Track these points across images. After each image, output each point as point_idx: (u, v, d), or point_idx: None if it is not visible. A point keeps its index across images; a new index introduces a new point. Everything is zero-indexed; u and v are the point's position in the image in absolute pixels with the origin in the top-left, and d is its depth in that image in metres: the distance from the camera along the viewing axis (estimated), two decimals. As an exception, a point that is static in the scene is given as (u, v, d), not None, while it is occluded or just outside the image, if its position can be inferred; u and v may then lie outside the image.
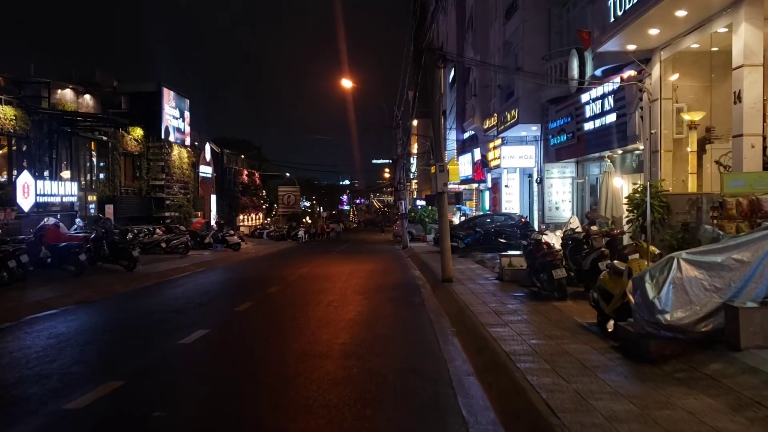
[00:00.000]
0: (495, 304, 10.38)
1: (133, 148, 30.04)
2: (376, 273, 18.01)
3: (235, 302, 11.57)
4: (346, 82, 32.89)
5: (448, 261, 13.90)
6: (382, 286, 14.29)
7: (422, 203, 48.22)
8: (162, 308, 11.45)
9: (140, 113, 31.14)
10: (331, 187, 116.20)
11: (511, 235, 21.83)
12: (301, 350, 7.54)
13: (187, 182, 34.67)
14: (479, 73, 30.48)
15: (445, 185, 13.75)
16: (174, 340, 8.06)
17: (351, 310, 10.57)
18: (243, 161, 54.50)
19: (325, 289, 13.84)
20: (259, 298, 12.31)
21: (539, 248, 11.54)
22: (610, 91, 15.95)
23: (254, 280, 16.46)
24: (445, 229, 13.98)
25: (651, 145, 13.86)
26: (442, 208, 13.96)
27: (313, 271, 18.68)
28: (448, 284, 13.47)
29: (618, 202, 16.50)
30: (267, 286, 14.45)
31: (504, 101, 25.18)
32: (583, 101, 17.83)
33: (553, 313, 9.28)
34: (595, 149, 17.61)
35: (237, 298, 12.40)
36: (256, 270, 20.24)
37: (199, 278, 16.96)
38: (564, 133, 19.74)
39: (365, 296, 12.41)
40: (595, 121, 17.02)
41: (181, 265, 20.29)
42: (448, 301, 11.37)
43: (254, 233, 44.87)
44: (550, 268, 10.57)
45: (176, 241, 26.28)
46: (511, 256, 14.24)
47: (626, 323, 6.78)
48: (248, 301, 11.65)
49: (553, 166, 22.09)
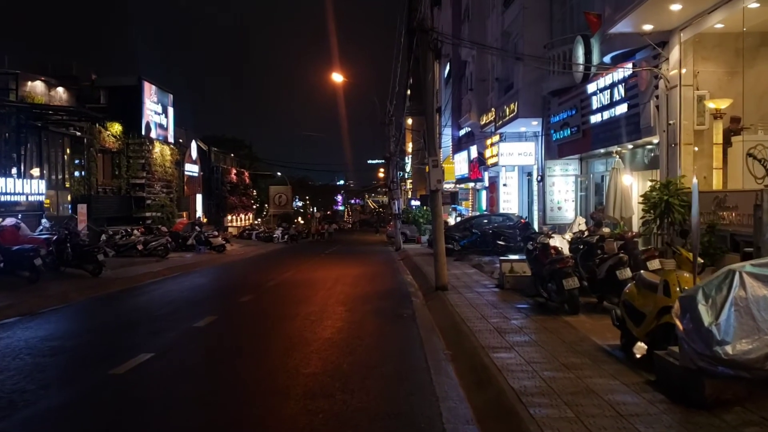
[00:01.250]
0: (496, 318, 8.92)
1: (111, 144, 28.49)
2: (365, 278, 16.55)
3: (197, 315, 10.09)
4: (337, 76, 31.43)
5: (442, 266, 12.46)
6: (369, 295, 12.83)
7: (417, 203, 46.78)
8: (110, 323, 9.97)
9: (120, 108, 29.65)
10: (326, 187, 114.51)
11: (510, 237, 20.42)
12: (258, 384, 6.08)
13: (171, 181, 33.13)
14: (476, 66, 29.06)
15: (439, 182, 12.31)
16: (105, 368, 6.57)
17: (329, 327, 9.09)
18: (232, 160, 52.97)
19: (304, 298, 12.37)
20: (227, 310, 10.83)
21: (547, 254, 10.10)
22: (620, 80, 14.53)
23: (229, 286, 14.97)
24: (439, 231, 12.53)
25: (669, 137, 12.44)
26: (436, 208, 12.52)
27: (296, 277, 17.21)
28: (443, 293, 12.03)
29: (627, 201, 15.09)
30: (241, 294, 12.97)
31: (502, 95, 23.76)
32: (589, 92, 16.41)
33: (566, 332, 7.83)
34: (602, 144, 16.18)
35: (202, 309, 10.91)
36: (235, 275, 18.75)
37: (170, 285, 15.46)
38: (567, 128, 18.32)
39: (348, 308, 10.94)
40: (603, 113, 15.60)
41: (154, 269, 18.78)
42: (443, 315, 9.92)
43: (243, 234, 43.27)
44: (560, 277, 9.13)
45: (155, 242, 24.76)
46: (512, 261, 12.80)
47: (667, 353, 5.34)
48: (213, 314, 10.17)
49: (555, 163, 20.65)
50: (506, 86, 23.55)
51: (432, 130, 12.36)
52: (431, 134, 12.34)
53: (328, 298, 12.37)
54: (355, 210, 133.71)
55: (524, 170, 26.78)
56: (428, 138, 12.31)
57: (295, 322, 9.54)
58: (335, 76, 31.51)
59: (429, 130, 12.36)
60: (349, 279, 16.24)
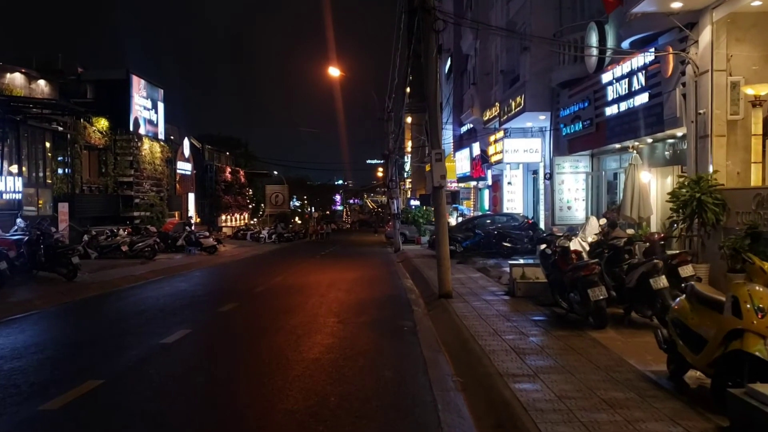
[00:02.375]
0: (512, 334, 7.69)
1: (97, 140, 27.20)
2: (361, 283, 15.32)
3: (169, 328, 8.85)
4: (334, 70, 30.19)
5: (446, 271, 11.22)
6: (365, 303, 11.59)
7: (416, 203, 45.51)
8: (65, 338, 8.73)
9: (107, 103, 28.30)
10: (324, 187, 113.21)
11: (517, 239, 19.19)
12: (221, 426, 4.84)
13: (161, 179, 31.84)
14: (479, 59, 27.84)
15: (443, 178, 11.08)
16: (35, 403, 5.34)
17: (317, 344, 7.85)
18: (228, 158, 51.69)
19: (293, 307, 11.12)
20: (204, 322, 9.59)
21: (567, 259, 8.87)
22: (640, 67, 13.30)
23: (213, 293, 13.72)
24: (443, 233, 11.29)
25: (698, 128, 11.20)
26: (439, 207, 11.28)
27: (287, 281, 15.96)
28: (447, 301, 10.81)
29: (646, 200, 13.91)
30: (224, 301, 11.72)
31: (507, 88, 22.53)
32: (604, 82, 15.18)
33: (597, 353, 6.60)
34: (618, 138, 14.94)
35: (176, 321, 9.67)
36: (222, 279, 17.50)
37: (149, 290, 14.22)
38: (579, 121, 17.09)
39: (341, 319, 9.70)
40: (620, 104, 14.37)
41: (137, 272, 17.53)
42: (448, 328, 8.68)
43: (237, 234, 42.01)
44: (585, 287, 7.90)
45: (141, 243, 23.54)
46: (523, 265, 11.57)
47: (746, 393, 4.12)
48: (186, 327, 8.92)
49: (565, 160, 19.43)
50: (511, 79, 22.32)
51: (435, 119, 11.12)
52: (434, 124, 11.11)
53: (320, 306, 11.13)
54: (353, 210, 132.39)
55: (529, 168, 25.55)
56: (431, 129, 11.08)
57: (279, 337, 8.30)
58: (332, 70, 30.28)
59: (431, 120, 11.12)
60: (345, 284, 15.00)
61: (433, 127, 11.08)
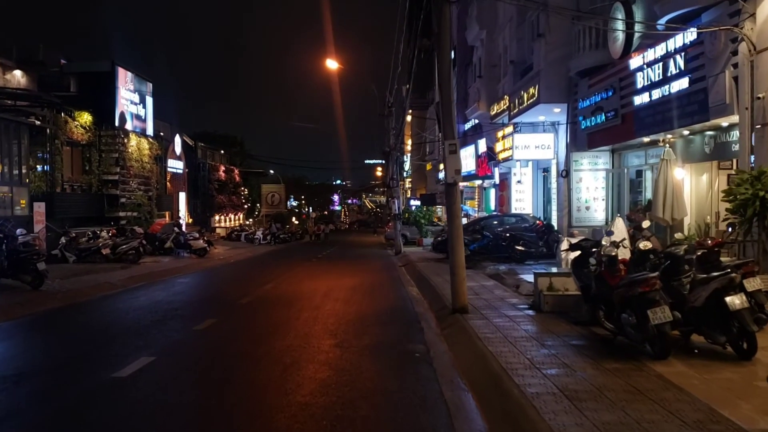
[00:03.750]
0: (554, 367, 6.10)
1: (80, 136, 25.56)
2: (361, 292, 13.72)
3: (128, 355, 7.24)
4: (332, 62, 28.59)
5: (461, 282, 9.64)
6: (366, 318, 9.99)
7: (417, 203, 43.89)
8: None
9: (91, 96, 26.70)
10: (322, 186, 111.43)
11: (530, 242, 17.60)
12: None
13: (149, 177, 30.20)
14: (485, 50, 26.27)
15: (457, 173, 9.50)
16: None
17: (308, 379, 6.25)
18: (222, 156, 50.02)
19: (282, 324, 9.53)
20: (172, 346, 7.97)
21: (614, 270, 7.28)
22: (679, 48, 11.74)
23: (193, 304, 12.08)
24: (457, 236, 9.70)
25: (754, 116, 9.64)
26: (453, 206, 9.69)
27: (278, 289, 14.36)
28: (462, 317, 9.23)
29: (680, 200, 12.38)
30: (203, 316, 10.12)
31: (518, 79, 20.96)
32: (632, 67, 13.62)
33: (673, 398, 5.02)
34: (649, 130, 13.38)
35: (140, 344, 8.05)
36: (207, 286, 15.86)
37: (121, 301, 12.61)
38: (601, 113, 15.52)
39: (338, 341, 8.10)
40: (652, 91, 12.82)
41: (114, 279, 15.92)
42: (471, 356, 7.09)
43: (231, 235, 40.37)
44: (644, 306, 6.32)
45: (125, 246, 21.92)
46: (550, 275, 9.99)
47: None
48: (149, 353, 7.31)
49: (583, 156, 17.88)
50: (523, 69, 20.77)
51: (448, 105, 9.53)
52: (447, 110, 9.51)
53: (314, 323, 9.53)
54: (352, 210, 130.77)
55: (539, 165, 24.01)
56: (443, 115, 9.49)
57: (261, 368, 6.70)
58: (330, 62, 28.69)
59: (444, 106, 9.52)
60: (342, 292, 13.41)
61: (446, 113, 9.49)
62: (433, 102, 43.63)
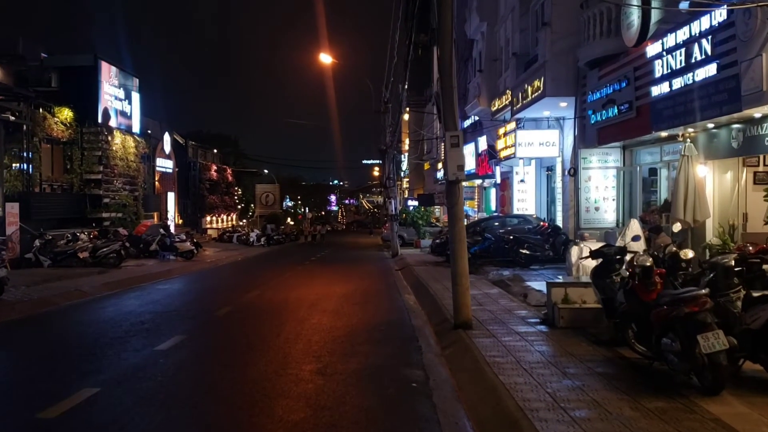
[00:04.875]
0: (583, 407, 4.91)
1: (60, 133, 24.29)
2: (353, 301, 12.53)
3: (67, 385, 6.06)
4: (326, 57, 27.41)
5: (464, 293, 8.47)
6: (356, 335, 8.80)
7: (414, 203, 42.71)
8: None
9: (73, 92, 25.41)
10: (319, 187, 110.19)
11: (536, 245, 16.41)
12: None
13: (135, 177, 28.93)
14: (486, 43, 25.10)
15: (460, 169, 8.33)
16: None
17: (277, 421, 5.05)
18: (215, 156, 48.76)
19: (260, 342, 8.34)
20: (126, 374, 6.75)
21: (650, 284, 6.10)
22: (705, 31, 10.56)
23: (163, 316, 10.79)
24: (459, 241, 8.53)
25: (798, 104, 8.48)
26: (455, 207, 8.51)
27: (263, 297, 13.16)
28: (466, 333, 8.07)
29: (702, 200, 11.25)
30: (170, 332, 8.93)
31: (521, 72, 19.78)
32: (650, 55, 12.44)
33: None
34: (668, 123, 12.18)
35: (88, 369, 6.85)
36: (186, 294, 14.61)
37: (86, 313, 11.41)
38: (613, 106, 14.34)
39: (322, 365, 6.90)
40: (673, 80, 11.63)
41: (87, 285, 14.72)
42: (478, 388, 5.91)
43: (223, 237, 39.10)
44: (693, 330, 5.15)
45: (106, 249, 20.66)
46: (566, 285, 8.81)
47: None
48: (93, 385, 6.10)
49: (592, 153, 16.70)
50: (526, 62, 19.59)
51: (450, 92, 8.34)
52: (448, 99, 8.33)
53: (295, 341, 8.33)
54: (349, 210, 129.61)
55: (543, 164, 22.87)
56: (444, 104, 8.30)
57: (222, 407, 5.50)
58: (323, 57, 27.51)
59: (446, 93, 8.34)
60: (332, 302, 12.21)
61: (448, 101, 8.30)
62: (430, 99, 42.54)
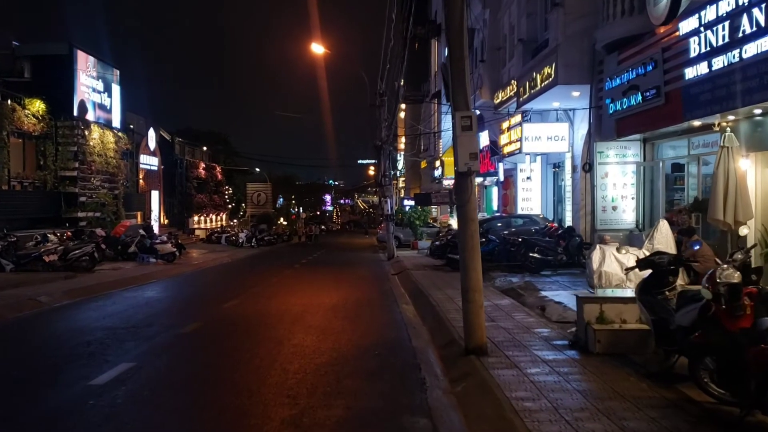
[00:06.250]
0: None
1: (31, 127, 22.65)
2: (343, 314, 10.91)
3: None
4: (318, 47, 25.79)
5: (477, 311, 6.88)
6: (343, 363, 7.20)
7: (411, 203, 41.11)
8: None
9: (47, 82, 23.79)
10: (313, 186, 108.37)
11: (548, 248, 14.86)
12: None
13: (115, 174, 27.27)
14: (489, 31, 23.52)
15: (473, 158, 6.73)
16: None
17: None
18: (204, 153, 47.04)
19: (222, 373, 6.73)
20: (41, 419, 5.14)
21: (738, 309, 4.53)
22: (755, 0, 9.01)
23: (117, 333, 9.12)
24: (471, 248, 6.93)
25: None
26: (466, 205, 6.90)
27: (241, 309, 11.54)
28: (481, 362, 6.50)
29: (745, 198, 9.74)
30: (117, 357, 7.31)
31: (528, 60, 18.20)
32: (684, 31, 10.88)
33: None
34: (706, 109, 10.61)
35: None
36: (154, 304, 12.82)
37: (32, 327, 9.80)
38: (636, 92, 12.76)
39: (296, 411, 5.30)
40: (713, 60, 10.07)
41: (47, 293, 13.06)
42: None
43: (211, 237, 37.40)
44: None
45: (78, 251, 19.02)
46: (600, 300, 7.21)
47: None
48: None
49: (609, 146, 15.13)
50: (534, 48, 18.03)
51: (460, 62, 6.74)
52: (459, 71, 6.73)
53: (269, 370, 6.72)
54: (344, 210, 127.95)
55: (549, 160, 21.33)
56: (453, 77, 6.71)
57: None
58: (315, 47, 25.89)
59: (455, 64, 6.74)
60: (319, 315, 10.61)
61: (458, 73, 6.71)
62: (428, 95, 40.94)
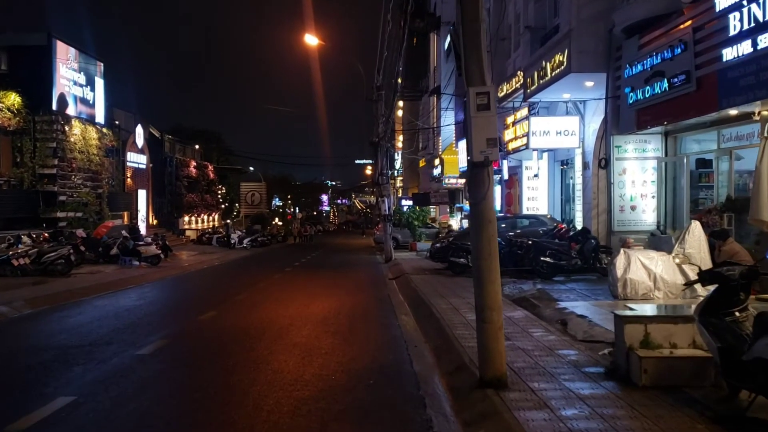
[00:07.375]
0: None
1: (6, 121, 21.36)
2: (334, 328, 9.60)
3: None
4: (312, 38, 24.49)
5: (496, 334, 5.58)
6: (331, 396, 5.91)
7: (409, 203, 39.83)
8: None
9: (25, 75, 22.50)
10: (310, 186, 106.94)
11: (561, 252, 13.55)
12: None
13: (98, 172, 25.95)
14: (492, 21, 22.16)
15: (491, 145, 5.44)
16: None
17: None
18: (196, 152, 45.69)
19: (181, 412, 5.42)
20: None
21: None
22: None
23: (68, 353, 7.79)
24: (488, 255, 5.63)
25: None
26: (482, 203, 5.61)
27: (219, 322, 10.23)
28: (500, 397, 5.21)
29: (792, 195, 8.43)
30: (55, 389, 6.03)
31: (536, 48, 16.94)
32: (721, 7, 9.61)
33: None
34: (746, 95, 9.34)
35: None
36: (123, 315, 11.39)
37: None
38: (662, 79, 11.49)
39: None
40: (758, 37, 8.81)
41: (9, 301, 11.77)
42: None
43: (202, 238, 36.07)
44: None
45: (53, 254, 17.73)
46: (645, 319, 5.91)
47: None
48: None
49: (628, 140, 13.88)
50: (543, 36, 16.80)
51: (475, 26, 5.45)
52: (473, 37, 5.44)
53: (239, 408, 5.42)
54: (341, 210, 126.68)
55: (556, 157, 20.08)
56: (466, 45, 5.42)
57: None
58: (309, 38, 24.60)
59: (467, 29, 5.45)
60: (306, 330, 9.30)
61: (472, 40, 5.42)
62: (427, 90, 39.61)
